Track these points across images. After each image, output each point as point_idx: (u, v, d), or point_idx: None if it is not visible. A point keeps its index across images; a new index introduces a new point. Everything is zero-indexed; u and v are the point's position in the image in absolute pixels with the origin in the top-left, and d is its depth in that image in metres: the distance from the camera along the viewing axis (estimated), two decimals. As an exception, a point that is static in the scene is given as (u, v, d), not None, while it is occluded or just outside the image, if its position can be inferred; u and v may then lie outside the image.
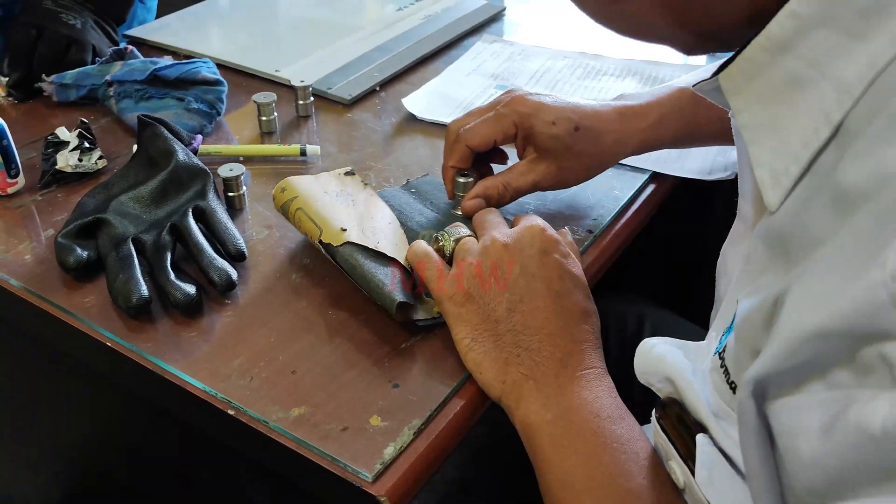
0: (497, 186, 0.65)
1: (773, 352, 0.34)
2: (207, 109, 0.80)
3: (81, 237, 0.64)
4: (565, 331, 0.52)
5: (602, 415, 0.49)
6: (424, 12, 1.09)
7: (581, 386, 0.51)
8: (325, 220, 0.60)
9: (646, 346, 0.49)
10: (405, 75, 0.95)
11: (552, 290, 0.53)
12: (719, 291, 0.56)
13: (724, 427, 0.41)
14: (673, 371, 0.46)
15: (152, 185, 0.67)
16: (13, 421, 0.85)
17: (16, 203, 0.71)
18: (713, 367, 0.43)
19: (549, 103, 0.65)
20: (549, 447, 0.49)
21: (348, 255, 0.58)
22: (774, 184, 0.38)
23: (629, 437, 0.49)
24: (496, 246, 0.55)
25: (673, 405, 0.46)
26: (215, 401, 0.53)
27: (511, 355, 0.52)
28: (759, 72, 0.39)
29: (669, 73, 0.95)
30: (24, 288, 0.62)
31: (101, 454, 0.78)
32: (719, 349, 0.42)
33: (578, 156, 0.65)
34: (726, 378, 0.41)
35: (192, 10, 1.10)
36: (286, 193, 0.63)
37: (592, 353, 0.53)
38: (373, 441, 0.50)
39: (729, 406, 0.41)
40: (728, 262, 0.54)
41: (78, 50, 0.86)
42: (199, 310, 0.59)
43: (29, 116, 0.84)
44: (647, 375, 0.48)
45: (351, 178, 0.67)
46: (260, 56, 0.96)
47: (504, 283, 0.54)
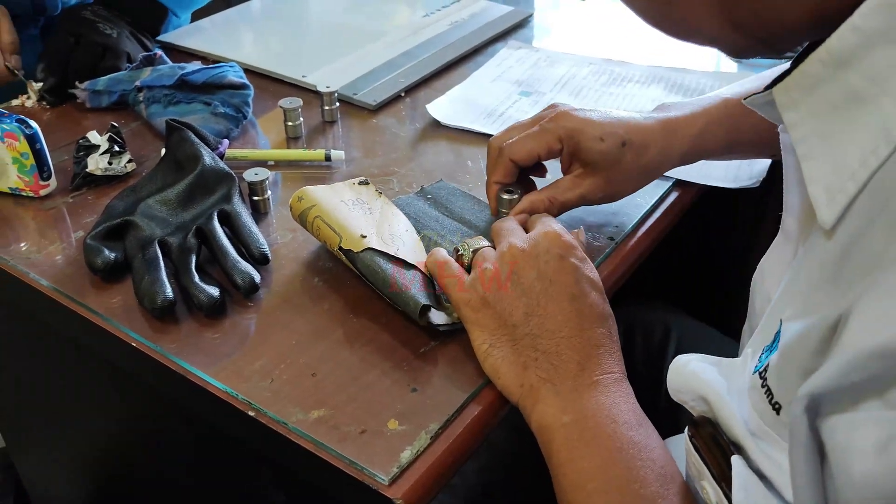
0: (543, 201, 0.64)
1: (832, 369, 0.33)
2: (234, 113, 0.82)
3: (109, 239, 0.65)
4: (582, 334, 0.52)
5: (619, 420, 0.49)
6: (451, 18, 1.09)
7: (598, 391, 0.51)
8: (345, 227, 0.61)
9: (679, 363, 0.48)
10: (430, 81, 0.95)
11: (569, 294, 0.53)
12: (754, 305, 0.55)
13: (763, 447, 0.41)
14: (707, 389, 0.45)
15: (179, 189, 0.68)
16: (48, 417, 0.87)
17: (48, 205, 0.73)
18: (752, 385, 0.42)
19: (595, 119, 0.64)
20: (565, 450, 0.49)
21: (369, 261, 0.59)
22: (829, 201, 0.38)
23: (646, 443, 0.49)
24: (513, 251, 0.56)
25: (706, 425, 0.45)
26: (236, 402, 0.53)
27: (529, 359, 0.52)
28: (816, 86, 0.38)
29: (696, 80, 0.94)
30: (54, 288, 0.63)
31: (128, 452, 0.79)
32: (759, 368, 0.42)
33: (625, 170, 0.64)
34: (769, 398, 0.40)
35: (223, 16, 1.11)
36: (304, 202, 0.64)
37: (610, 357, 0.53)
38: (390, 444, 0.50)
39: (770, 427, 0.41)
40: (766, 276, 0.53)
41: (112, 57, 0.88)
42: (222, 312, 0.60)
43: (62, 120, 0.86)
44: (680, 394, 0.48)
45: (365, 188, 0.68)
46: (288, 61, 0.97)
47: (521, 287, 0.54)
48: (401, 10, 1.14)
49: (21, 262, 0.66)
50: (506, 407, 0.54)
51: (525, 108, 0.89)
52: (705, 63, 0.99)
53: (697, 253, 1.06)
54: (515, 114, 0.87)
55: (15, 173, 0.71)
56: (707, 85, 0.93)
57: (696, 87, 0.92)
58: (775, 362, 0.40)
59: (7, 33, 0.87)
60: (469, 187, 0.75)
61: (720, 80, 0.94)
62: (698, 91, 0.92)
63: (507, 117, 0.86)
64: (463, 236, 0.66)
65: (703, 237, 1.02)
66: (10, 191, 0.73)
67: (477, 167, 0.79)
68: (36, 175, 0.72)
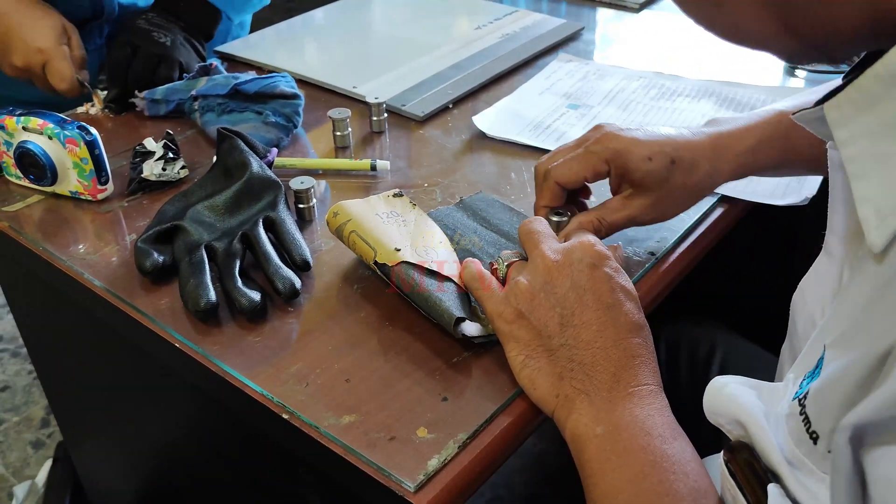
0: (592, 222, 0.63)
1: (879, 400, 0.33)
2: (284, 122, 0.84)
3: (159, 242, 0.67)
4: (618, 344, 0.52)
5: (653, 433, 0.49)
6: (502, 31, 1.10)
7: (633, 403, 0.50)
8: (379, 241, 0.62)
9: (717, 385, 0.47)
10: (479, 93, 0.96)
11: (603, 303, 0.53)
12: (795, 326, 0.54)
13: (799, 476, 0.40)
14: (745, 414, 0.45)
15: (227, 195, 0.70)
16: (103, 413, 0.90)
17: (105, 208, 0.76)
18: (791, 412, 0.41)
19: (642, 138, 0.63)
20: (597, 461, 0.49)
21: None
22: (880, 224, 0.37)
23: (680, 457, 0.48)
24: (546, 262, 0.56)
25: (742, 450, 0.44)
26: (271, 404, 0.55)
27: (565, 370, 0.52)
28: (871, 104, 0.37)
29: (747, 94, 0.93)
30: (106, 288, 0.66)
31: (176, 450, 0.81)
32: (799, 395, 0.41)
33: (675, 188, 0.63)
34: (806, 427, 0.39)
35: (281, 26, 1.14)
36: (339, 217, 0.65)
37: (646, 368, 0.52)
38: (418, 452, 0.51)
39: (806, 456, 0.40)
40: (808, 298, 0.52)
41: (166, 67, 0.91)
42: (263, 316, 0.62)
43: (123, 128, 0.89)
44: (717, 416, 0.47)
45: (399, 200, 0.69)
46: (340, 72, 0.99)
47: (555, 297, 0.54)
48: (456, 22, 1.15)
49: (77, 262, 0.69)
50: (536, 420, 0.54)
51: (572, 120, 0.89)
52: (759, 77, 0.98)
53: (746, 269, 1.04)
54: (562, 126, 0.87)
55: (75, 177, 0.75)
56: (760, 100, 0.91)
57: (748, 102, 0.91)
58: (816, 390, 0.39)
59: (77, 48, 0.92)
60: (511, 199, 0.76)
61: (774, 94, 0.92)
62: (750, 106, 0.90)
63: (553, 130, 0.87)
64: (500, 248, 0.67)
65: (753, 253, 1.00)
66: (70, 194, 0.76)
67: (520, 179, 0.79)
68: (94, 179, 0.75)
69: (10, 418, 1.58)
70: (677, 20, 1.17)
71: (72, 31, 0.91)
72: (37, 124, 0.73)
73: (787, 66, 1.01)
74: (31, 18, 0.87)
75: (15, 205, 0.77)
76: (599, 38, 1.13)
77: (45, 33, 0.87)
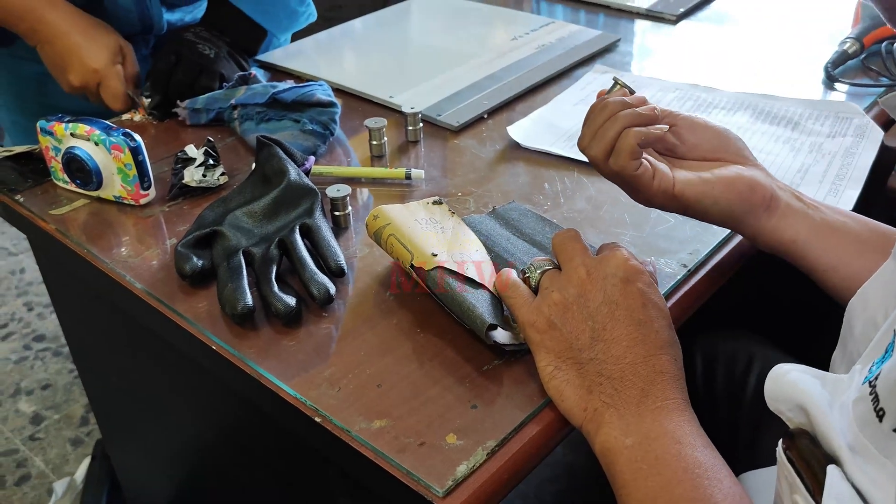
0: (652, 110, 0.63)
1: None
2: (321, 130, 0.85)
3: (199, 247, 0.69)
4: (647, 360, 0.52)
5: (683, 441, 0.49)
6: (539, 42, 1.11)
7: (662, 416, 0.51)
8: (417, 245, 0.63)
9: (779, 371, 0.47)
10: (514, 104, 0.97)
11: (635, 319, 0.53)
12: (852, 331, 0.54)
13: (860, 463, 0.40)
14: (808, 399, 0.44)
15: (265, 202, 0.72)
16: (141, 412, 0.92)
17: (147, 213, 0.78)
18: (860, 395, 0.41)
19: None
20: (629, 472, 0.49)
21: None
22: None
23: (712, 464, 0.48)
24: (580, 274, 0.56)
25: (802, 436, 0.44)
26: (304, 407, 0.56)
27: (594, 384, 0.53)
28: None
29: (784, 107, 0.92)
30: (146, 291, 0.68)
31: (211, 450, 0.83)
32: (870, 378, 0.41)
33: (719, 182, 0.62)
34: (874, 405, 0.39)
35: (319, 37, 1.16)
36: (379, 220, 0.66)
37: (674, 383, 0.53)
38: (447, 458, 0.51)
39: (869, 439, 0.40)
40: (870, 302, 0.52)
41: (207, 78, 0.93)
42: (297, 320, 0.63)
43: (166, 135, 0.92)
44: (777, 403, 0.47)
45: (438, 207, 0.70)
46: (377, 82, 1.00)
47: (587, 311, 0.54)
48: (492, 33, 1.16)
49: (119, 265, 0.71)
50: (564, 429, 0.55)
51: (606, 132, 0.89)
52: (798, 89, 0.97)
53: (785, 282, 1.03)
54: (596, 138, 0.87)
55: (119, 182, 0.77)
56: (797, 113, 0.91)
57: (784, 115, 0.91)
58: (888, 368, 0.39)
59: (131, 66, 0.95)
60: (544, 209, 0.76)
61: (811, 107, 0.92)
62: (786, 119, 0.90)
63: (587, 141, 0.87)
64: (532, 257, 0.67)
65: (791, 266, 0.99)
66: (114, 199, 0.79)
67: (554, 189, 0.79)
68: (137, 185, 0.77)
69: (50, 416, 1.62)
70: (715, 31, 1.17)
71: (127, 50, 0.95)
72: (84, 131, 0.76)
73: (826, 79, 1.00)
74: (88, 38, 0.90)
75: (62, 208, 0.79)
76: (636, 50, 1.13)
77: (100, 54, 0.91)
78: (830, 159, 0.82)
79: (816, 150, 0.84)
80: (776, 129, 0.88)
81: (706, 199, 0.62)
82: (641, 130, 0.61)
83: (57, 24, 0.90)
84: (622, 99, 0.63)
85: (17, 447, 1.55)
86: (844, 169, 0.80)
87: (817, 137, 0.86)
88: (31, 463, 1.51)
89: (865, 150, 0.83)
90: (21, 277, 2.02)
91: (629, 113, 0.61)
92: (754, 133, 0.87)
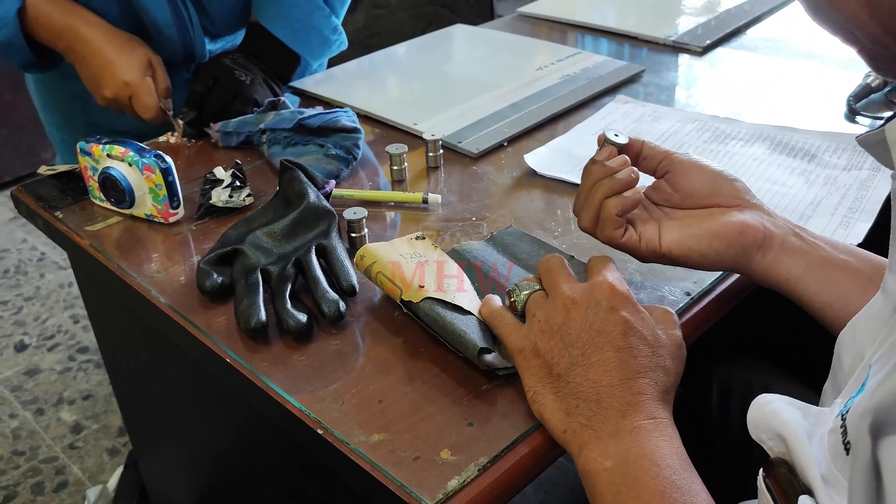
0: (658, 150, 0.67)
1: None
2: (345, 155, 0.89)
3: (220, 264, 0.73)
4: (624, 384, 0.54)
5: (661, 464, 0.50)
6: (563, 72, 1.13)
7: (641, 436, 0.52)
8: (404, 279, 0.66)
9: (763, 401, 0.49)
10: (534, 132, 0.99)
11: (614, 346, 0.55)
12: (841, 362, 0.55)
13: (832, 493, 0.41)
14: (787, 429, 0.46)
15: (284, 223, 0.75)
16: (168, 424, 0.96)
17: (175, 231, 0.82)
18: (833, 427, 0.42)
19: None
20: (609, 494, 0.51)
21: (429, 309, 0.63)
22: None
23: (689, 487, 0.49)
24: (564, 301, 0.58)
25: (781, 466, 0.46)
26: (308, 419, 0.58)
27: (570, 406, 0.54)
28: None
29: (802, 139, 0.93)
30: (169, 305, 0.71)
31: (230, 461, 0.86)
32: (843, 411, 0.42)
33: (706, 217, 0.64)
34: (843, 438, 0.41)
35: (349, 66, 1.20)
36: (366, 260, 0.69)
37: (654, 403, 0.54)
38: (440, 472, 0.53)
39: (839, 470, 0.41)
40: (858, 334, 0.53)
41: (241, 103, 0.98)
42: (308, 336, 0.66)
43: (198, 156, 0.96)
44: (758, 431, 0.48)
45: (421, 242, 0.72)
46: (403, 109, 1.04)
47: (569, 338, 0.56)
48: (519, 63, 1.19)
49: (146, 280, 0.75)
50: (554, 451, 0.56)
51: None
52: (819, 122, 0.98)
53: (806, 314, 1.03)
54: (612, 166, 0.89)
55: (150, 201, 0.81)
56: (814, 145, 0.91)
57: (801, 147, 0.91)
58: (856, 402, 0.40)
59: (162, 80, 0.99)
60: (555, 234, 0.78)
61: (830, 140, 0.92)
62: (803, 151, 0.90)
63: (603, 169, 0.89)
64: None
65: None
66: (145, 216, 0.83)
67: (565, 216, 0.81)
68: (167, 204, 0.81)
69: (90, 426, 1.67)
70: (740, 63, 1.18)
71: (157, 64, 0.99)
72: (119, 152, 0.80)
73: (848, 112, 1.00)
74: (120, 53, 0.95)
75: (97, 225, 0.83)
76: (660, 81, 1.14)
77: (132, 68, 0.95)
78: (844, 191, 0.82)
79: (831, 182, 0.84)
80: (792, 160, 0.89)
81: (693, 254, 0.64)
82: (618, 200, 0.63)
83: (91, 40, 0.95)
84: (604, 165, 0.64)
85: (57, 455, 1.60)
86: (858, 202, 0.80)
87: (833, 170, 0.87)
88: (69, 470, 1.57)
89: (881, 183, 0.83)
90: (69, 291, 2.10)
91: (607, 183, 0.64)
92: (770, 164, 0.88)
